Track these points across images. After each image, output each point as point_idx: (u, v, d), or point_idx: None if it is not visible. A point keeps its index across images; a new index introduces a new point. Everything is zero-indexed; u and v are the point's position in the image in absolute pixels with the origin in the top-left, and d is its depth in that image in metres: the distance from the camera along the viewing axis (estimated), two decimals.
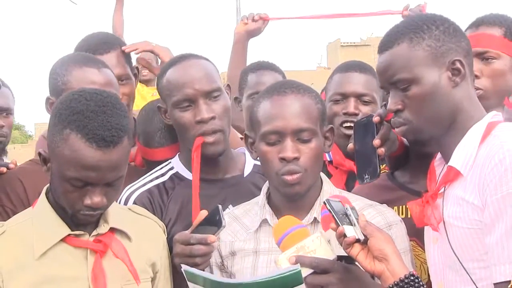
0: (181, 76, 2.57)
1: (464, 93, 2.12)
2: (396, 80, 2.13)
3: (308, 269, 2.02)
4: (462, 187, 2.06)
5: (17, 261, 2.15)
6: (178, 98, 2.56)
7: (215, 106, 2.54)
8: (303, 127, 2.28)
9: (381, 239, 1.97)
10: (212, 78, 2.58)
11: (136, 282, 2.21)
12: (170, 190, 2.61)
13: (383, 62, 2.16)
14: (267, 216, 2.35)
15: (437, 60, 2.10)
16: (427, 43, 2.10)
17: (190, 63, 2.60)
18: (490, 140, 2.05)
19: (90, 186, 2.09)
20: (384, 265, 1.94)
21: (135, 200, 2.57)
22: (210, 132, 2.53)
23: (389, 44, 2.15)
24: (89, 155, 2.06)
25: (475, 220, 2.01)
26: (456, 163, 2.08)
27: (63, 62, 2.77)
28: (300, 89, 2.35)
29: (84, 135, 2.06)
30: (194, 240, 2.26)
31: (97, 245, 2.18)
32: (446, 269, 2.12)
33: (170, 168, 2.67)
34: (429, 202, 2.13)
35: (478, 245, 2.01)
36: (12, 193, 2.71)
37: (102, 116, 2.08)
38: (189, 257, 2.26)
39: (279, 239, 2.08)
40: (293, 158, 2.26)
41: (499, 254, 1.94)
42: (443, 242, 2.10)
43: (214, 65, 2.66)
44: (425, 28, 2.12)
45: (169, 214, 2.57)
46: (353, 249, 1.98)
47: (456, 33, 2.14)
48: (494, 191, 1.96)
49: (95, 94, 2.13)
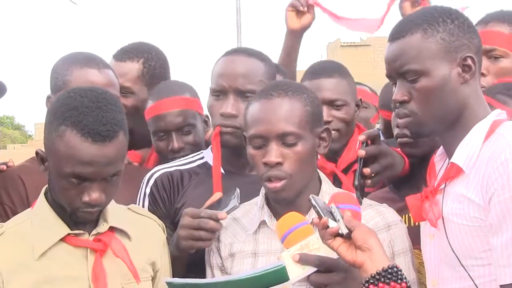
0: (223, 68, 2.61)
1: (471, 91, 2.10)
2: (406, 71, 2.09)
3: (312, 267, 2.02)
4: (464, 184, 2.05)
5: (17, 261, 2.15)
6: (213, 86, 2.61)
7: (242, 105, 2.54)
8: (287, 131, 2.26)
9: (366, 231, 1.96)
10: (251, 78, 2.58)
11: (136, 281, 2.21)
12: (194, 176, 2.65)
13: (393, 51, 2.11)
14: (266, 217, 2.34)
15: (449, 55, 2.07)
16: (441, 36, 2.07)
17: (237, 57, 2.62)
18: (495, 138, 2.04)
19: (87, 182, 2.10)
20: (367, 255, 1.92)
21: (156, 178, 2.64)
22: (227, 126, 2.57)
23: (402, 33, 2.10)
24: (85, 150, 2.06)
25: (476, 218, 2.00)
26: (459, 160, 2.07)
27: (64, 62, 2.78)
28: (288, 91, 2.31)
29: (79, 131, 2.07)
30: (204, 214, 2.29)
31: (97, 244, 2.18)
32: (441, 265, 2.11)
33: (200, 157, 2.71)
34: (429, 198, 2.11)
35: (477, 242, 2.01)
36: (12, 191, 2.71)
37: (96, 111, 2.09)
38: (195, 229, 2.28)
39: (283, 236, 2.08)
40: (276, 163, 2.24)
41: (509, 255, 1.93)
42: (440, 239, 2.09)
43: (267, 66, 2.65)
44: (440, 20, 2.08)
45: (186, 197, 2.60)
46: (334, 241, 1.96)
47: (469, 29, 2.11)
48: (501, 190, 1.94)
49: (89, 91, 2.15)
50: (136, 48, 3.17)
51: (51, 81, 2.77)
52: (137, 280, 2.21)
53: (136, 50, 3.15)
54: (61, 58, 2.83)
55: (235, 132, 2.56)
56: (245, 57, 2.62)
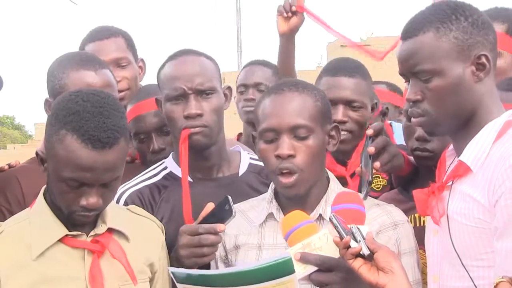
0: (176, 71, 2.58)
1: (486, 89, 2.06)
2: (419, 71, 2.05)
3: (313, 267, 2.01)
4: (471, 183, 2.02)
5: (15, 261, 2.14)
6: (170, 91, 2.56)
7: (205, 104, 2.54)
8: (298, 123, 2.27)
9: (389, 253, 1.94)
10: (206, 76, 2.57)
11: (133, 282, 2.20)
12: (162, 189, 2.60)
13: (406, 50, 2.08)
14: (273, 210, 2.35)
15: (463, 54, 2.03)
16: (454, 34, 2.03)
17: (188, 58, 2.60)
18: (506, 139, 2.00)
19: (86, 187, 2.09)
20: (389, 277, 1.90)
21: (126, 200, 2.57)
22: (195, 126, 2.53)
23: (414, 32, 2.06)
24: (84, 156, 2.05)
25: (480, 220, 1.98)
26: (467, 158, 2.04)
27: (60, 64, 2.75)
28: (299, 87, 2.34)
29: (80, 136, 2.05)
30: (202, 229, 2.27)
31: (95, 245, 2.17)
32: (443, 262, 2.09)
33: (164, 168, 2.66)
34: (435, 193, 2.09)
35: (479, 244, 1.99)
36: (9, 192, 2.71)
37: (98, 117, 2.07)
38: (197, 247, 2.27)
39: (287, 234, 2.08)
40: (288, 155, 2.25)
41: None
42: (444, 236, 2.07)
43: (214, 63, 2.65)
44: (453, 18, 2.04)
45: (161, 213, 2.56)
46: (355, 261, 1.94)
47: (484, 26, 2.06)
48: (508, 194, 1.91)
49: (92, 95, 2.13)
50: (109, 28, 3.24)
51: (48, 84, 2.75)
52: (134, 281, 2.20)
53: (112, 28, 3.23)
54: (56, 59, 2.81)
55: (203, 131, 2.53)
56: (195, 57, 2.61)
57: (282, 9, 3.25)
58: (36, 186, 2.29)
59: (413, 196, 2.17)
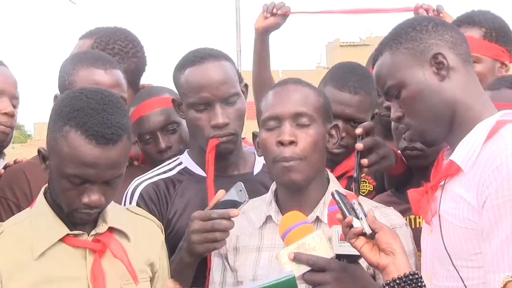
0: (200, 79, 2.56)
1: (455, 84, 2.10)
2: (387, 89, 2.15)
3: (306, 266, 2.03)
4: (461, 183, 2.04)
5: (16, 261, 2.14)
6: (195, 100, 2.56)
7: (231, 111, 2.56)
8: (300, 111, 2.29)
9: (390, 233, 1.97)
10: (230, 82, 2.58)
11: (134, 282, 2.21)
12: (177, 184, 2.62)
13: (374, 75, 2.20)
14: (272, 213, 2.36)
15: (418, 59, 2.10)
16: (404, 46, 2.12)
17: (211, 65, 2.58)
18: (496, 139, 2.02)
19: (88, 184, 2.09)
20: (390, 259, 1.93)
21: (141, 192, 2.59)
22: (223, 135, 2.56)
23: (376, 58, 2.19)
24: (88, 152, 2.06)
25: (469, 220, 2.00)
26: (458, 158, 2.06)
27: (72, 61, 2.77)
28: (302, 81, 2.39)
29: (84, 132, 2.06)
30: (216, 214, 2.28)
31: (96, 244, 2.18)
32: (435, 262, 2.11)
33: (178, 163, 2.69)
34: (428, 193, 2.12)
35: (468, 244, 2.00)
36: (16, 187, 2.72)
37: (102, 113, 2.08)
38: (209, 232, 2.27)
39: (283, 233, 2.11)
40: (290, 141, 2.26)
41: (499, 261, 1.92)
42: (436, 235, 2.09)
43: (232, 63, 2.66)
44: (402, 33, 2.14)
45: (175, 207, 2.58)
46: (358, 240, 1.96)
47: (436, 28, 2.13)
48: (495, 195, 1.93)
49: (96, 92, 2.14)
50: None
51: (59, 80, 2.76)
52: (136, 281, 2.21)
53: None
54: (69, 56, 2.84)
55: (231, 138, 2.56)
56: (217, 62, 2.59)
57: (266, 8, 3.34)
58: (43, 181, 2.28)
59: (408, 196, 2.19)
